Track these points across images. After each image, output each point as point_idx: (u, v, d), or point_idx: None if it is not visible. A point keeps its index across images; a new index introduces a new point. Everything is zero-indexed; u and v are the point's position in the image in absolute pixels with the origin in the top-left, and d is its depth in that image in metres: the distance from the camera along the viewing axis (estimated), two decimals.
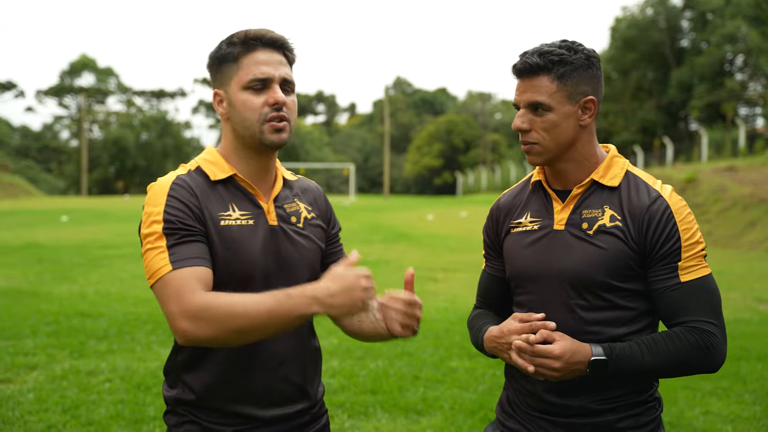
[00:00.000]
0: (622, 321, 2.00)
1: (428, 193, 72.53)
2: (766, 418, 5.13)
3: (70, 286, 10.47)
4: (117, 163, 71.06)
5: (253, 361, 1.97)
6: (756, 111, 46.67)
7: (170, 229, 1.86)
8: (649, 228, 1.97)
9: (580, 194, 2.07)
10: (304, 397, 2.06)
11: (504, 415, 2.19)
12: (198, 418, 1.97)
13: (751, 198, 18.02)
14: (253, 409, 1.97)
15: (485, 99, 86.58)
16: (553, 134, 2.01)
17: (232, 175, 2.00)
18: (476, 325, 2.21)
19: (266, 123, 1.95)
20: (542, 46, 2.02)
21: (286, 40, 2.02)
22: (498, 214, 2.25)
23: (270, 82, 1.96)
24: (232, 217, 1.96)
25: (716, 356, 1.94)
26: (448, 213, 32.76)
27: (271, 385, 1.99)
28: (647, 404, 2.04)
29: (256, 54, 1.96)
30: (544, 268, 2.05)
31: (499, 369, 6.28)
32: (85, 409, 5.05)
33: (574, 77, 1.99)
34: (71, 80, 76.78)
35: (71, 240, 17.50)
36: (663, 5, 50.12)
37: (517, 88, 2.04)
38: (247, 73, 1.95)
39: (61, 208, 31.47)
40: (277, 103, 1.95)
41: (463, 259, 14.86)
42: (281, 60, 1.99)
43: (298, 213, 2.09)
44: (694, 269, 1.96)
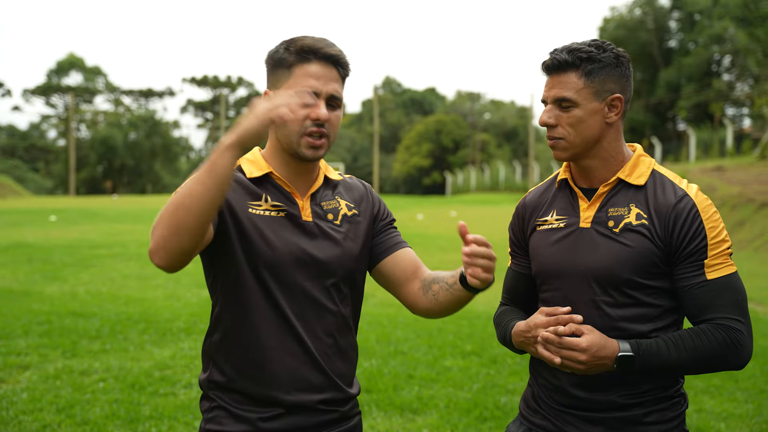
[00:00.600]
0: (647, 318, 2.02)
1: (417, 193, 72.52)
2: (758, 416, 5.18)
3: (61, 286, 10.43)
4: (105, 163, 70.70)
5: (283, 343, 2.01)
6: (743, 111, 46.96)
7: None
8: (676, 226, 1.99)
9: (606, 192, 2.09)
10: (332, 386, 2.07)
11: (529, 411, 2.21)
12: (226, 403, 2.02)
13: (739, 198, 18.13)
14: (278, 393, 2.00)
15: (474, 99, 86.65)
16: (579, 130, 2.04)
17: (268, 172, 2.06)
18: (503, 322, 2.24)
19: (305, 137, 1.98)
20: (572, 44, 2.06)
21: (342, 56, 2.03)
22: (524, 212, 2.28)
23: (317, 97, 1.97)
24: (261, 207, 2.01)
25: (743, 353, 1.96)
26: (438, 213, 32.79)
27: (299, 368, 2.02)
28: (673, 399, 2.07)
29: (309, 66, 1.98)
30: (570, 265, 2.08)
31: (492, 368, 6.31)
32: (79, 409, 5.03)
33: (602, 75, 2.02)
34: (58, 79, 76.39)
35: (61, 239, 17.41)
36: (651, 6, 50.32)
37: (545, 84, 2.09)
38: (296, 83, 1.97)
39: (50, 208, 31.27)
40: (318, 119, 1.96)
41: (454, 258, 14.89)
42: (333, 75, 2.01)
43: (336, 210, 2.12)
44: (720, 267, 1.99)
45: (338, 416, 2.10)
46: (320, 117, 1.96)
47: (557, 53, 2.04)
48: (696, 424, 4.99)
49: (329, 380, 2.06)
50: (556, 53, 2.05)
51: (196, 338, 7.18)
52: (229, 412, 2.02)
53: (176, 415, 4.96)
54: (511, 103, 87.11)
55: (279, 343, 2.01)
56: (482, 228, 23.13)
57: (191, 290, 10.27)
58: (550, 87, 2.06)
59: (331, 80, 2.00)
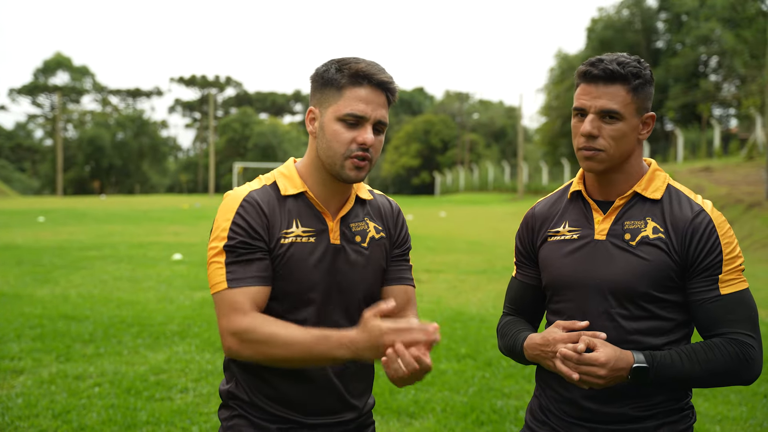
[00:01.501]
0: (660, 331, 2.03)
1: (406, 193, 72.58)
2: (752, 419, 5.22)
3: (52, 289, 10.37)
4: (92, 163, 70.40)
5: (303, 372, 2.04)
6: (730, 112, 47.27)
7: (231, 246, 1.96)
8: (692, 241, 2.01)
9: (622, 205, 2.10)
10: (349, 409, 2.12)
11: (536, 423, 2.21)
12: (247, 413, 2.06)
13: (727, 198, 18.26)
14: (297, 416, 2.06)
15: (463, 99, 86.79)
16: (620, 143, 2.03)
17: (303, 191, 2.06)
18: (510, 332, 2.23)
19: (349, 159, 1.99)
20: (614, 55, 2.03)
21: (393, 83, 2.03)
22: (533, 223, 2.26)
23: (365, 121, 1.99)
24: (293, 233, 2.02)
25: (754, 368, 1.98)
26: (428, 213, 32.84)
27: (318, 396, 2.06)
28: (683, 411, 2.09)
29: (360, 90, 1.98)
30: (585, 277, 2.07)
31: (488, 371, 6.32)
32: (75, 414, 5.01)
33: (645, 92, 2.02)
34: (45, 79, 75.93)
35: (50, 241, 17.31)
36: (639, 6, 50.55)
37: (586, 92, 2.03)
38: (346, 106, 1.98)
39: (38, 209, 31.12)
40: (365, 144, 1.98)
41: (445, 260, 14.91)
42: (382, 101, 2.01)
43: (364, 232, 2.12)
44: (734, 282, 2.00)
45: (354, 427, 2.15)
46: (366, 142, 1.98)
47: (607, 63, 2.00)
48: None
49: (347, 404, 2.11)
50: (605, 63, 2.00)
51: (190, 342, 7.16)
52: (250, 421, 2.06)
53: (173, 420, 4.95)
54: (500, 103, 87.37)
55: (298, 371, 2.03)
56: (472, 228, 23.20)
57: (184, 293, 10.23)
58: (595, 96, 2.01)
59: (380, 106, 2.01)
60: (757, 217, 16.38)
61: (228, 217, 1.98)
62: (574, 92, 2.10)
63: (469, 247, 17.58)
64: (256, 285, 1.95)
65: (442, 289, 11.10)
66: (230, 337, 1.92)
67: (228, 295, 1.93)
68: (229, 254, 1.96)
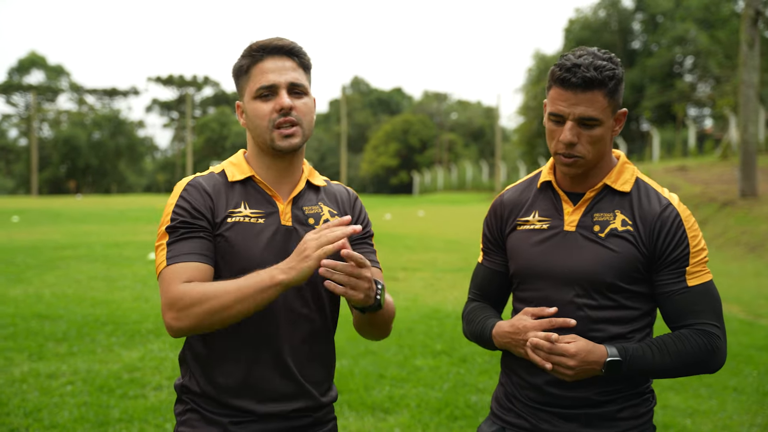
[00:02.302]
0: (625, 320, 2.07)
1: (385, 193, 72.59)
2: (722, 412, 5.29)
3: (25, 288, 10.26)
4: (68, 163, 69.72)
5: (256, 354, 2.01)
6: (705, 112, 47.75)
7: (173, 227, 1.97)
8: (660, 234, 2.04)
9: (592, 198, 2.12)
10: (304, 395, 2.07)
11: (502, 410, 2.22)
12: (199, 406, 2.04)
13: (701, 197, 18.44)
14: (251, 403, 2.01)
15: (441, 99, 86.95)
16: (598, 147, 2.05)
17: (251, 176, 2.08)
18: (476, 318, 2.26)
19: (276, 129, 2.01)
20: (589, 57, 1.99)
21: (294, 45, 2.06)
22: (502, 210, 2.28)
23: (276, 89, 2.01)
24: (242, 213, 2.03)
25: (719, 357, 2.04)
26: (406, 212, 32.87)
27: (271, 379, 2.02)
28: (644, 395, 2.13)
29: (264, 63, 2.03)
30: (554, 267, 2.10)
31: (463, 367, 6.35)
32: (47, 413, 4.97)
33: (619, 92, 2.03)
34: (20, 78, 75.03)
35: (24, 241, 17.13)
36: (615, 7, 50.94)
37: (563, 99, 2.01)
38: (255, 82, 2.02)
39: (12, 208, 30.76)
40: (282, 109, 2.00)
41: (422, 258, 14.95)
42: (290, 65, 2.04)
43: (318, 215, 2.12)
44: (700, 275, 2.06)
45: (311, 421, 2.10)
46: (283, 105, 1.99)
47: (584, 70, 1.96)
48: (662, 420, 5.08)
49: (302, 389, 2.06)
50: (583, 70, 1.96)
51: (164, 340, 7.12)
52: (201, 415, 2.03)
53: (146, 418, 4.92)
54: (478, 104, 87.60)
55: (251, 353, 2.01)
56: (450, 227, 23.26)
57: (158, 291, 10.17)
58: (573, 103, 1.99)
59: (287, 70, 2.03)
60: (731, 215, 16.56)
61: (172, 202, 2.02)
62: (546, 92, 2.08)
63: (447, 245, 17.63)
64: (194, 261, 1.93)
65: (419, 287, 11.13)
66: (168, 313, 1.88)
67: (166, 272, 1.92)
68: (171, 235, 1.97)
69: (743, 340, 7.46)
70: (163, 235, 1.98)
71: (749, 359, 6.70)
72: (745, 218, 15.99)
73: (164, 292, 1.91)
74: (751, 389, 5.80)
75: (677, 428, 4.98)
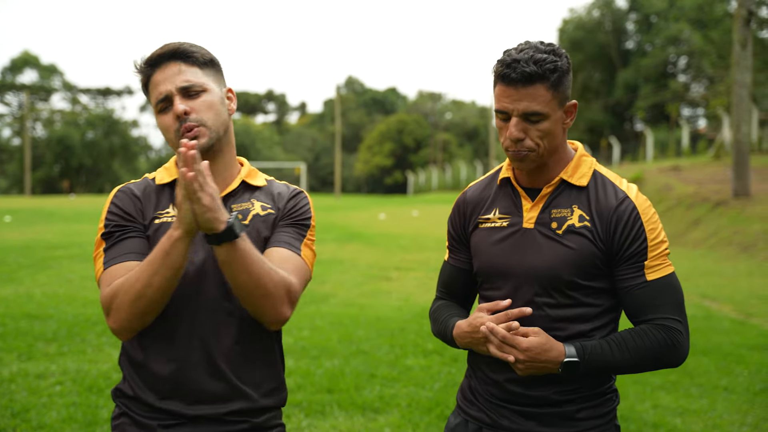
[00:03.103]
0: (587, 317, 2.05)
1: (379, 193, 72.65)
2: (712, 411, 5.28)
3: (16, 288, 10.22)
4: (62, 162, 69.44)
5: (185, 355, 1.98)
6: (698, 112, 47.87)
7: (107, 233, 2.01)
8: (617, 229, 2.02)
9: (549, 193, 2.10)
10: (240, 397, 2.01)
11: (466, 403, 2.22)
12: (131, 410, 2.02)
13: (694, 197, 18.47)
14: (180, 406, 1.98)
15: (435, 99, 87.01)
16: (548, 141, 2.02)
17: (177, 178, 2.04)
18: (440, 317, 2.24)
19: (181, 138, 1.98)
20: (529, 51, 1.96)
21: (179, 47, 2.02)
22: (465, 208, 2.26)
23: (170, 98, 1.99)
24: (169, 214, 2.04)
25: (681, 352, 2.02)
26: (400, 212, 32.86)
27: (201, 380, 1.98)
28: (605, 396, 2.11)
29: (155, 76, 2.01)
30: (514, 265, 2.08)
31: (454, 366, 6.34)
32: (35, 413, 4.94)
33: (564, 83, 1.99)
34: (13, 77, 74.74)
35: (16, 240, 17.05)
36: (609, 7, 51.06)
37: (506, 95, 1.98)
38: (153, 98, 2.02)
39: (4, 208, 30.65)
40: (180, 116, 1.97)
41: (415, 257, 14.93)
42: (178, 69, 2.00)
43: (247, 211, 2.08)
44: (659, 268, 2.03)
45: (249, 426, 2.03)
46: (177, 112, 1.97)
47: (523, 64, 1.93)
48: (652, 420, 5.08)
49: (236, 390, 2.01)
50: (522, 65, 1.93)
51: None
52: (133, 419, 2.01)
53: None
54: (472, 103, 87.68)
55: (181, 354, 1.98)
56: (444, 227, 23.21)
57: None
58: (516, 99, 1.96)
59: (175, 75, 1.99)
60: (723, 215, 16.58)
61: (105, 209, 2.06)
62: (493, 90, 2.05)
63: (440, 245, 17.60)
64: (128, 261, 1.95)
65: (411, 287, 11.12)
66: (107, 319, 1.90)
67: (103, 277, 1.95)
68: (107, 241, 2.01)
69: (735, 339, 7.47)
70: (99, 243, 2.02)
71: (740, 359, 6.70)
72: (738, 218, 16.01)
73: (101, 298, 1.93)
74: (742, 389, 5.80)
75: (667, 428, 4.97)
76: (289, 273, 1.97)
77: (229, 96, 2.12)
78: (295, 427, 4.85)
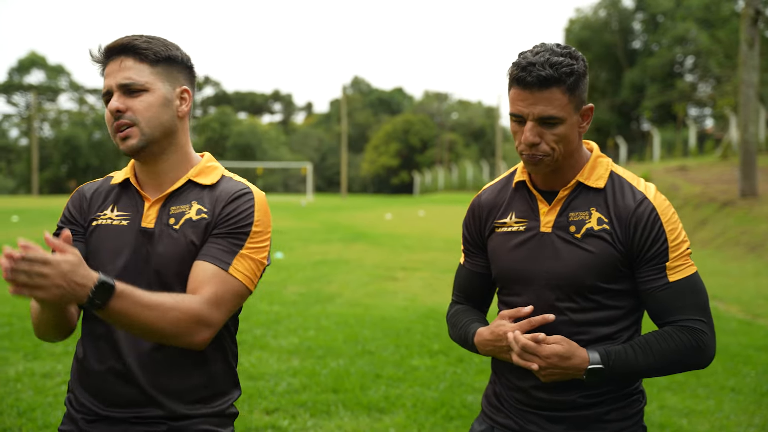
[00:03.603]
0: (610, 320, 2.02)
1: (385, 193, 72.68)
2: (719, 412, 5.26)
3: None
4: (69, 162, 69.73)
5: (101, 357, 1.99)
6: (705, 112, 47.73)
7: (55, 234, 2.01)
8: (636, 230, 1.98)
9: (566, 196, 2.06)
10: (152, 404, 1.96)
11: (492, 409, 2.20)
12: (69, 402, 2.07)
13: (701, 197, 18.42)
14: (95, 405, 1.99)
15: (442, 99, 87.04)
16: (563, 145, 1.98)
17: (127, 178, 2.08)
18: (459, 323, 2.22)
19: (116, 134, 1.97)
20: (545, 54, 1.93)
21: (130, 41, 1.96)
22: (480, 212, 2.23)
23: (111, 93, 1.97)
24: (106, 216, 2.04)
25: (707, 353, 1.98)
26: (406, 212, 32.86)
27: (113, 383, 1.96)
28: (632, 397, 2.08)
29: (107, 68, 1.99)
30: (533, 270, 2.05)
31: (460, 367, 6.33)
32: (41, 412, 4.95)
33: (580, 87, 1.96)
34: (20, 77, 75.02)
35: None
36: (615, 7, 50.97)
37: (521, 98, 1.95)
38: (103, 89, 2.00)
39: (12, 208, 30.78)
40: (114, 111, 1.95)
41: (421, 258, 14.92)
42: (123, 65, 1.95)
43: (181, 214, 2.00)
44: (681, 269, 1.99)
45: (167, 429, 1.96)
46: (110, 108, 1.94)
47: (539, 68, 1.90)
48: (659, 421, 5.06)
49: (148, 397, 1.95)
50: (537, 68, 1.90)
51: None
52: (68, 410, 2.06)
53: None
54: (479, 103, 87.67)
55: (97, 356, 1.99)
56: (450, 227, 23.22)
57: None
58: (531, 103, 1.93)
59: (118, 71, 1.95)
60: (730, 215, 16.53)
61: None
62: (508, 92, 2.02)
63: (446, 245, 17.60)
64: None
65: (417, 287, 11.11)
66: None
67: None
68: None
69: (742, 340, 7.43)
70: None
71: (747, 359, 6.67)
72: (745, 218, 15.96)
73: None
74: (749, 389, 5.78)
75: (673, 428, 4.95)
76: (204, 296, 1.87)
77: (183, 97, 2.03)
78: (301, 427, 4.84)
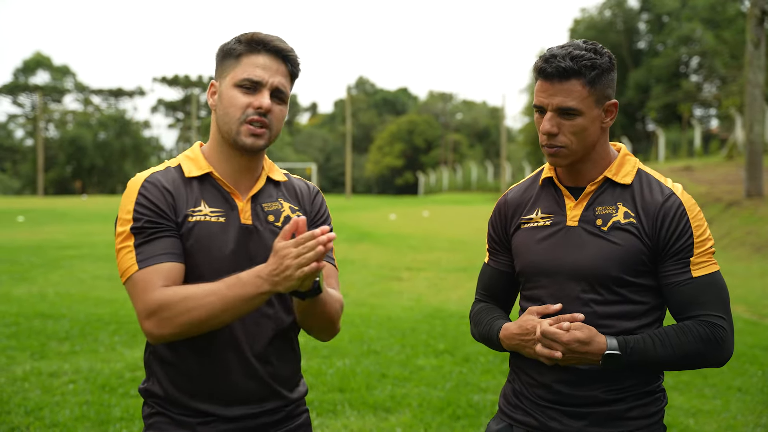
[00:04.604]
0: (633, 315, 2.04)
1: (390, 193, 72.61)
2: (725, 412, 5.25)
3: (29, 287, 10.28)
4: (74, 163, 69.81)
5: (221, 357, 1.97)
6: (710, 112, 47.62)
7: (137, 228, 1.91)
8: (663, 224, 2.02)
9: (593, 191, 2.11)
10: (274, 397, 2.04)
11: (510, 407, 2.21)
12: (165, 410, 1.99)
13: (707, 197, 18.37)
14: (217, 408, 1.97)
15: (446, 99, 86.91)
16: (581, 138, 2.03)
17: (208, 172, 2.02)
18: (483, 320, 2.24)
19: (245, 124, 1.96)
20: (568, 47, 2.01)
21: (292, 52, 2.02)
22: (506, 210, 2.27)
23: (261, 87, 1.97)
24: (201, 212, 1.97)
25: (725, 350, 2.00)
26: (411, 212, 32.84)
27: (237, 384, 1.98)
28: (655, 395, 2.10)
29: (257, 57, 1.98)
30: (558, 263, 2.08)
31: (465, 366, 6.33)
32: (48, 411, 4.97)
33: (603, 81, 2.01)
34: (26, 78, 75.18)
35: (29, 240, 17.16)
36: (620, 7, 50.83)
37: (542, 90, 2.03)
38: (242, 71, 1.97)
39: (17, 209, 30.84)
40: (261, 107, 1.95)
41: (426, 258, 14.93)
42: (281, 70, 2.00)
43: (278, 212, 2.06)
44: (705, 265, 2.02)
45: (283, 416, 2.07)
46: (262, 105, 1.95)
47: (559, 60, 1.98)
48: (666, 420, 5.03)
49: (270, 389, 2.03)
50: (558, 60, 1.98)
51: None
52: (170, 418, 1.99)
53: None
54: (483, 104, 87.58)
55: (215, 355, 1.97)
56: (454, 228, 23.22)
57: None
58: (551, 94, 2.01)
59: (278, 73, 1.99)
60: (736, 215, 16.50)
61: (131, 200, 1.94)
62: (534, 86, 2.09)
63: (451, 245, 17.60)
64: (167, 261, 1.88)
65: (422, 287, 11.12)
66: (148, 321, 1.84)
67: (139, 277, 1.86)
68: (137, 236, 1.90)
69: (748, 340, 7.42)
70: (128, 237, 1.91)
71: (754, 359, 6.66)
72: (751, 218, 15.92)
73: (140, 299, 1.85)
74: (756, 389, 5.77)
75: (680, 428, 4.95)
76: (336, 290, 2.06)
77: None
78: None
